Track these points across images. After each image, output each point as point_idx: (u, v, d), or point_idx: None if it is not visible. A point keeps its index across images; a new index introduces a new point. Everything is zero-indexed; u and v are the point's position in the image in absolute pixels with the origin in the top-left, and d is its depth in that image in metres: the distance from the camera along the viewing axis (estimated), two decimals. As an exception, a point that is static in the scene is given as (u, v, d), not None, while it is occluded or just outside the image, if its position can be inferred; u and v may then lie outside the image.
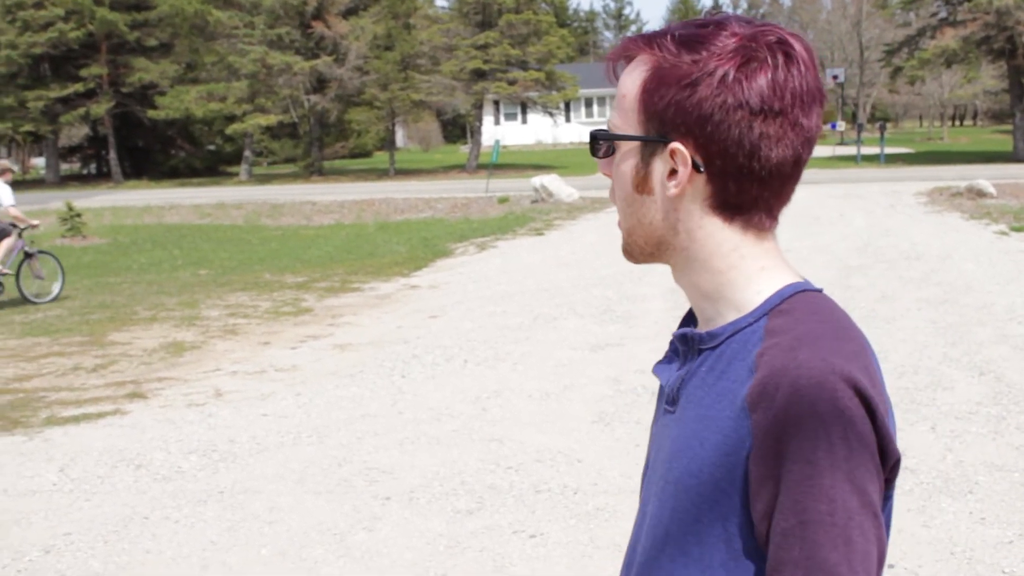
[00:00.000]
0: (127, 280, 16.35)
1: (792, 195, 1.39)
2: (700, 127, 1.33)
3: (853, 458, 1.20)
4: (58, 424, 8.06)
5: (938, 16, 45.26)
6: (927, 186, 27.96)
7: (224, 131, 47.94)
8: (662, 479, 1.39)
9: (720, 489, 1.28)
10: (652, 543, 1.39)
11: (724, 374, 1.32)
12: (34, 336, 11.65)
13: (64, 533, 5.84)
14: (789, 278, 1.38)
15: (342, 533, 5.68)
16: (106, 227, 25.71)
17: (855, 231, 18.44)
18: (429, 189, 34.77)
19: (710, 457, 1.29)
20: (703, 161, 1.34)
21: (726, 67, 1.31)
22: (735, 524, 1.28)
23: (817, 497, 1.20)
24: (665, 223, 1.39)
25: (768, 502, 1.24)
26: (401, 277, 15.46)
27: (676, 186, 1.36)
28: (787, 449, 1.21)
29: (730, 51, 1.32)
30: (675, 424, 1.39)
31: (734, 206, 1.36)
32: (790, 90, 1.31)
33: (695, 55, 1.33)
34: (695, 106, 1.32)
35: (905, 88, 62.26)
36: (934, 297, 11.80)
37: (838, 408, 1.20)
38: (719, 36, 1.33)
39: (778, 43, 1.33)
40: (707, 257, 1.38)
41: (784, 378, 1.22)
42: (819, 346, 1.24)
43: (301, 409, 8.22)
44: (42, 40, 43.85)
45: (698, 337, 1.39)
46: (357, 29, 43.50)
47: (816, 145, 1.40)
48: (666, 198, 1.38)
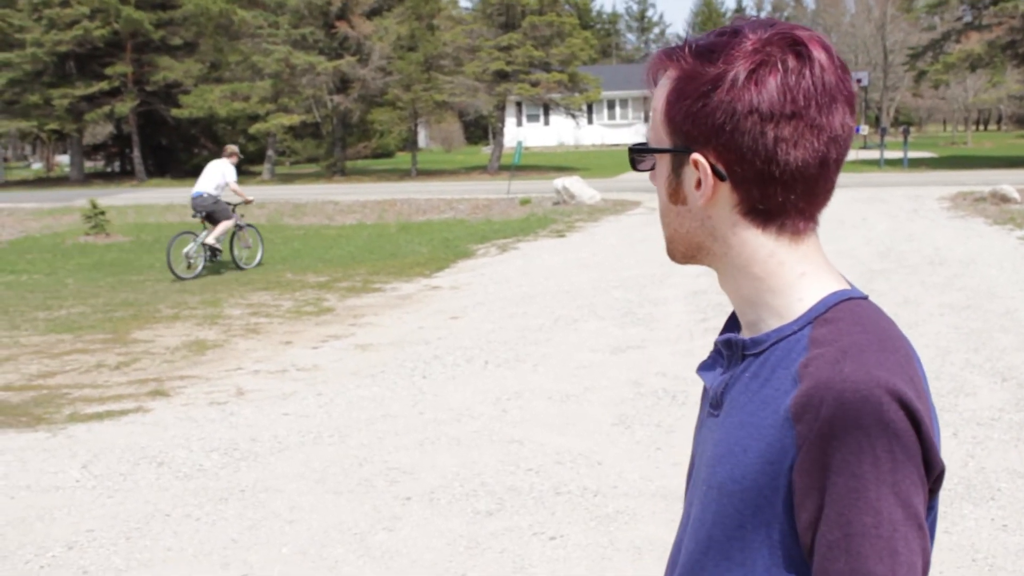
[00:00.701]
0: (150, 278, 16.42)
1: (828, 196, 1.38)
2: (716, 136, 1.34)
3: (898, 470, 1.21)
4: (81, 421, 8.11)
5: (963, 20, 45.05)
6: (950, 191, 27.83)
7: (247, 130, 48.05)
8: (705, 483, 1.40)
9: (763, 496, 1.30)
10: (696, 546, 1.41)
11: (768, 382, 1.33)
12: (58, 333, 11.72)
13: (87, 530, 5.87)
14: (833, 284, 1.38)
15: (362, 533, 5.70)
16: (130, 225, 25.83)
17: (878, 235, 18.38)
18: (451, 190, 34.81)
19: (753, 464, 1.30)
20: (725, 169, 1.35)
21: (735, 73, 1.32)
22: (777, 531, 1.29)
23: (863, 510, 1.21)
24: (703, 231, 1.41)
25: (813, 513, 1.25)
26: (422, 278, 15.49)
27: (702, 196, 1.37)
28: (832, 461, 1.22)
29: (741, 57, 1.32)
30: (719, 428, 1.40)
31: (764, 212, 1.36)
32: (803, 91, 1.31)
33: (709, 64, 1.34)
34: (709, 115, 1.34)
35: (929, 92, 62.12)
36: (957, 302, 11.75)
37: (883, 421, 1.21)
38: (734, 43, 1.34)
39: (791, 44, 1.33)
40: (745, 264, 1.39)
41: (829, 391, 1.23)
42: (864, 358, 1.25)
43: (322, 409, 8.25)
44: (67, 38, 44.08)
45: (742, 343, 1.40)
46: (381, 30, 43.58)
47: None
48: (698, 207, 1.40)
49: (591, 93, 47.59)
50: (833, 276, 1.39)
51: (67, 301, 14.12)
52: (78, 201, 30.07)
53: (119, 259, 19.23)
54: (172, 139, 53.84)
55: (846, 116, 1.34)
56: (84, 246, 21.70)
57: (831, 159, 1.34)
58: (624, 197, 28.66)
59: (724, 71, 1.33)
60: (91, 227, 22.82)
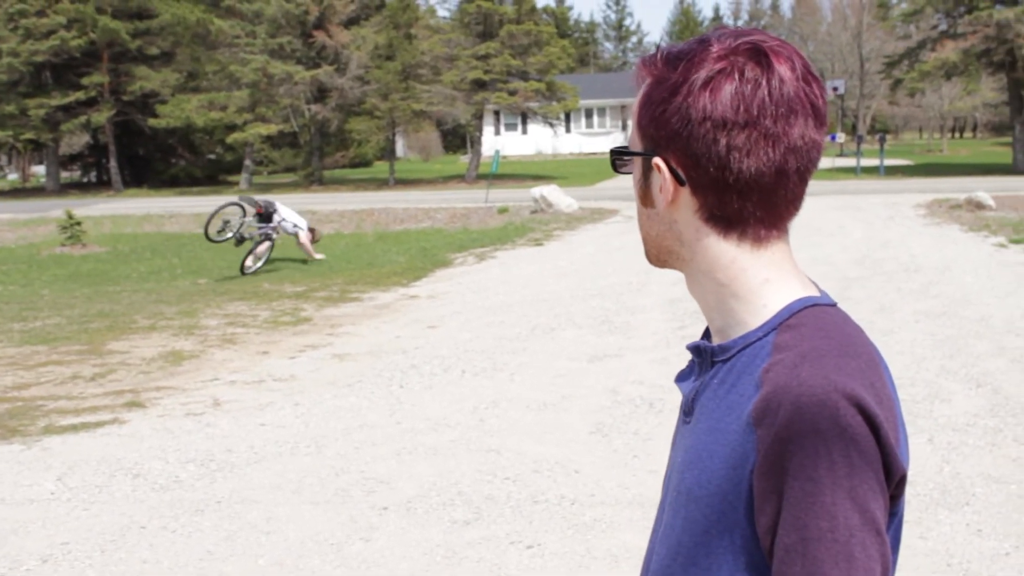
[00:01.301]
0: (126, 289, 16.36)
1: (794, 205, 1.39)
2: (674, 141, 1.36)
3: (855, 475, 1.21)
4: (56, 433, 8.06)
5: (938, 28, 45.33)
6: (926, 198, 27.98)
7: (225, 140, 47.91)
8: (675, 489, 1.41)
9: (728, 502, 1.30)
10: (666, 551, 1.41)
11: (734, 387, 1.34)
12: (32, 344, 11.66)
13: (62, 542, 5.84)
14: (799, 291, 1.38)
15: (339, 543, 5.69)
16: (106, 235, 25.72)
17: (854, 243, 18.46)
18: (429, 199, 34.80)
19: (719, 470, 1.31)
20: (684, 174, 1.37)
21: (692, 80, 1.34)
22: (740, 537, 1.30)
23: (818, 514, 1.21)
24: (670, 235, 1.43)
25: (772, 517, 1.25)
26: (400, 287, 15.48)
27: (663, 200, 1.40)
28: (789, 466, 1.23)
29: (703, 65, 1.34)
30: (690, 435, 1.41)
31: (723, 218, 1.37)
32: (758, 101, 1.31)
33: (673, 71, 1.36)
34: (667, 120, 1.36)
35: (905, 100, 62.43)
36: (932, 309, 11.81)
37: (839, 425, 1.21)
38: (700, 50, 1.36)
39: (753, 52, 1.33)
40: (709, 269, 1.40)
41: (786, 395, 1.23)
42: (822, 363, 1.25)
43: (299, 419, 8.23)
44: (44, 48, 43.90)
45: (711, 349, 1.41)
46: (358, 39, 43.57)
47: (822, 156, 1.41)
48: (665, 211, 1.41)
49: (569, 102, 47.65)
50: (801, 282, 1.40)
51: (42, 312, 14.04)
52: (54, 212, 29.93)
53: (95, 270, 19.15)
54: (149, 149, 53.65)
55: (808, 128, 1.34)
56: (60, 257, 21.60)
57: (790, 169, 1.34)
58: (602, 205, 28.70)
59: (684, 78, 1.35)
60: (67, 238, 22.71)
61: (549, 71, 45.86)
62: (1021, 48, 39.26)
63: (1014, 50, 39.74)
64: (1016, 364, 9.19)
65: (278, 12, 43.15)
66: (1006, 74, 42.75)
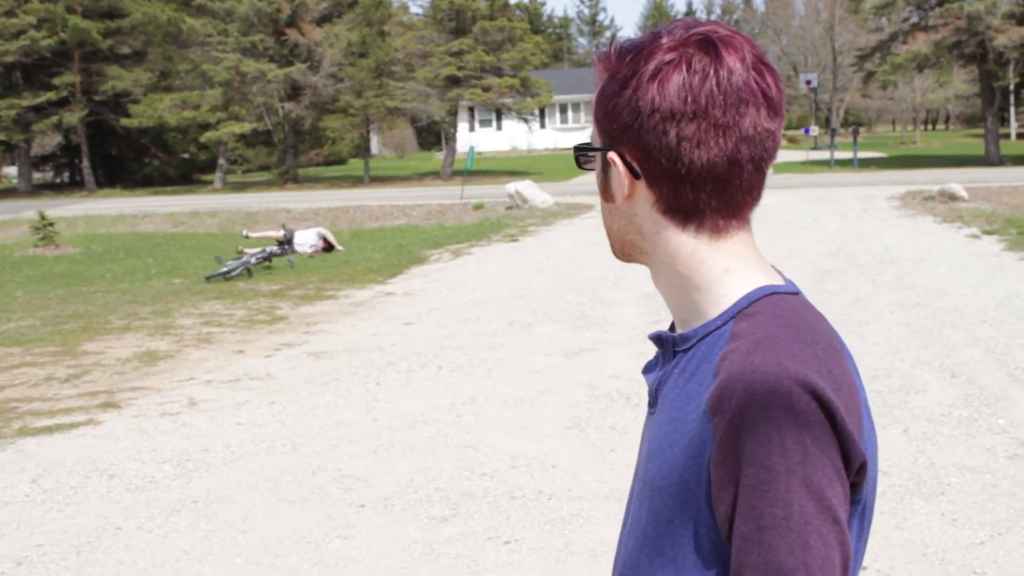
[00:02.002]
0: (100, 289, 16.27)
1: (751, 195, 1.38)
2: (626, 134, 1.36)
3: (809, 462, 1.21)
4: (31, 435, 8.01)
5: (910, 21, 45.52)
6: (900, 190, 28.13)
7: (198, 139, 47.73)
8: (640, 480, 1.41)
9: (689, 491, 1.30)
10: (633, 543, 1.41)
11: (693, 376, 1.34)
12: (6, 346, 11.58)
13: (36, 544, 5.80)
14: (760, 279, 1.38)
15: (316, 541, 5.67)
16: (79, 236, 25.58)
17: (828, 235, 18.54)
18: (404, 196, 34.76)
19: (679, 459, 1.31)
20: (638, 167, 1.37)
21: (641, 72, 1.34)
22: (704, 525, 1.30)
23: (772, 502, 1.20)
24: (631, 228, 1.43)
25: (728, 505, 1.24)
26: (376, 284, 15.45)
27: (620, 193, 1.40)
28: (744, 453, 1.22)
29: (652, 57, 1.34)
30: (653, 425, 1.40)
31: (680, 210, 1.37)
32: (706, 92, 1.31)
33: (624, 64, 1.37)
34: (619, 113, 1.36)
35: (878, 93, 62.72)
36: (907, 301, 11.87)
37: (793, 412, 1.20)
38: (651, 43, 1.36)
39: (702, 44, 1.33)
40: (670, 261, 1.40)
41: (739, 383, 1.23)
42: (776, 350, 1.25)
43: (275, 417, 8.20)
44: (14, 48, 43.62)
45: (672, 339, 1.41)
46: (331, 36, 43.47)
47: (779, 146, 1.40)
48: (624, 205, 1.41)
49: (543, 97, 47.67)
50: (763, 271, 1.40)
51: (16, 314, 13.95)
52: (26, 213, 29.74)
53: (69, 271, 19.03)
54: (122, 149, 53.39)
55: (761, 117, 1.34)
56: (33, 258, 21.46)
57: (743, 159, 1.34)
58: (577, 201, 28.72)
59: (633, 70, 1.35)
60: (40, 239, 22.56)
61: (523, 67, 45.88)
62: (992, 40, 39.49)
63: (985, 42, 39.98)
64: (990, 354, 9.25)
65: (250, 10, 43.00)
66: (977, 66, 43.01)
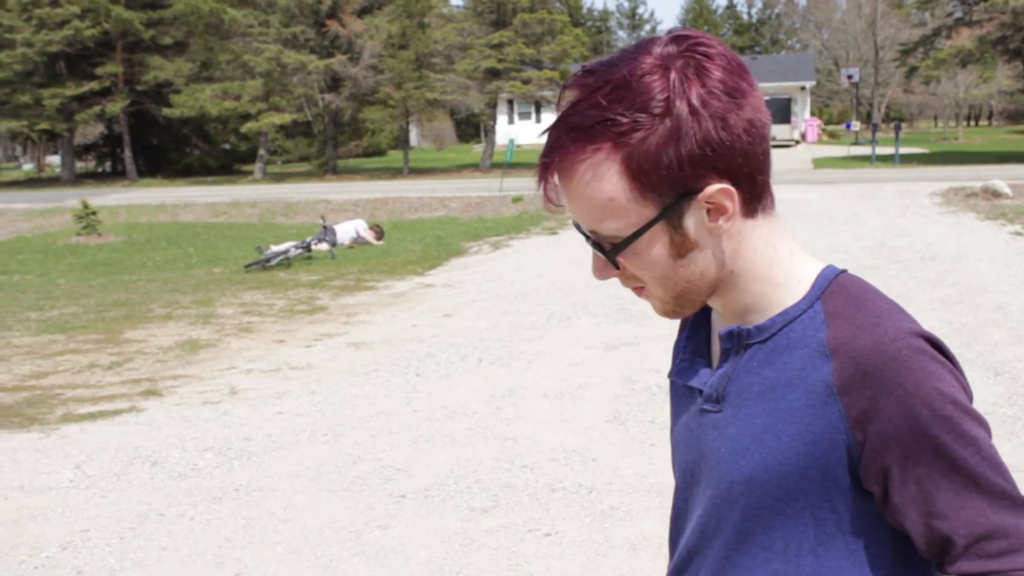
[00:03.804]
0: (142, 278, 16.40)
1: (768, 159, 1.36)
2: (711, 155, 1.29)
3: (962, 397, 1.28)
4: (74, 421, 8.10)
5: (954, 16, 45.13)
6: (942, 186, 27.86)
7: (238, 129, 47.95)
8: (722, 480, 1.38)
9: (807, 478, 1.31)
10: (722, 546, 1.39)
11: (787, 364, 1.33)
12: (50, 333, 11.70)
13: (81, 530, 5.87)
14: (815, 259, 1.40)
15: (357, 531, 5.70)
16: (121, 225, 25.79)
17: (869, 231, 18.40)
18: (443, 188, 34.78)
19: (790, 448, 1.31)
20: (728, 178, 1.32)
21: (684, 96, 1.28)
22: (827, 509, 1.31)
23: (965, 445, 1.26)
24: (716, 261, 1.36)
25: (903, 472, 1.28)
26: (415, 276, 15.49)
27: (728, 219, 1.33)
28: (917, 414, 1.26)
29: (670, 79, 1.28)
30: (731, 423, 1.38)
31: (753, 198, 1.35)
32: (742, 82, 1.31)
33: (648, 110, 1.28)
34: (699, 146, 1.28)
35: (920, 88, 62.25)
36: (949, 298, 11.77)
37: (936, 359, 1.28)
38: (643, 80, 1.28)
39: (693, 46, 1.31)
40: (750, 265, 1.37)
41: (879, 354, 1.27)
42: (890, 317, 1.30)
43: (316, 407, 8.25)
44: (58, 38, 43.96)
45: (746, 332, 1.38)
46: (372, 28, 43.54)
47: (771, 141, 1.40)
48: (715, 239, 1.35)
49: (582, 90, 47.45)
50: (800, 247, 1.42)
51: (59, 301, 14.09)
52: (69, 201, 30.01)
53: (111, 259, 19.20)
54: (163, 139, 53.72)
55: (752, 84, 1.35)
56: (76, 246, 21.67)
57: (754, 123, 1.32)
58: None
59: (670, 103, 1.28)
60: (82, 227, 22.80)
61: (563, 60, 45.78)
62: (1037, 35, 39.06)
63: (1030, 37, 39.54)
64: (1034, 352, 9.16)
65: (291, 1, 43.16)
66: (1022, 61, 42.56)
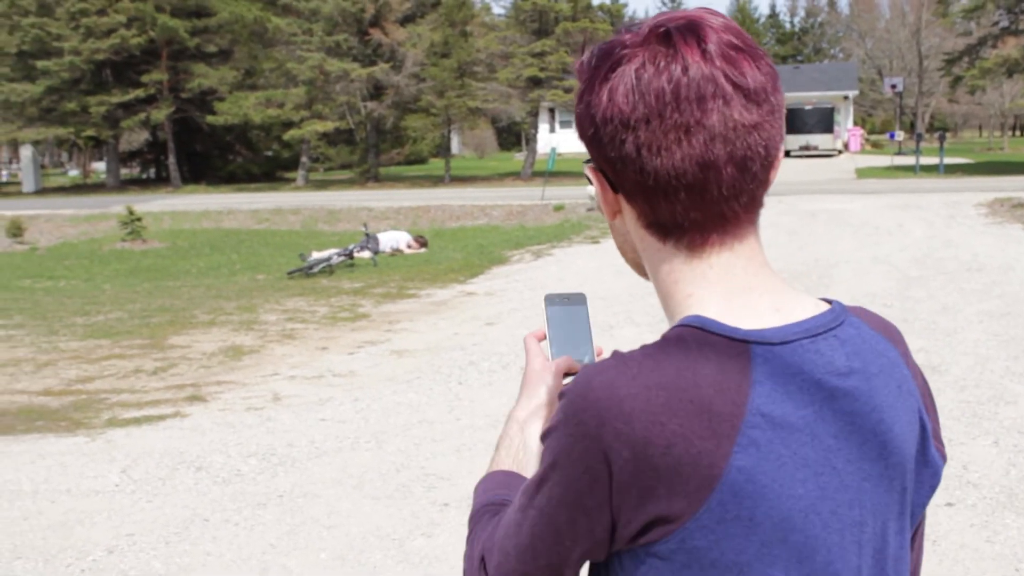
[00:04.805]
0: (186, 284, 16.52)
1: (736, 201, 1.21)
2: (592, 147, 1.26)
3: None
4: (120, 426, 8.16)
5: (999, 25, 44.71)
6: (987, 197, 27.58)
7: (281, 137, 48.23)
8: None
9: None
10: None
11: None
12: (96, 338, 11.81)
13: (127, 534, 5.91)
14: (711, 310, 1.22)
15: (401, 538, 5.71)
16: (165, 231, 26.00)
17: (914, 242, 18.25)
18: (484, 196, 34.82)
19: None
20: (614, 180, 1.26)
21: (591, 79, 1.23)
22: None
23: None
24: (627, 245, 1.33)
25: None
26: (457, 284, 15.51)
27: (607, 210, 1.30)
28: None
29: (605, 60, 1.22)
30: None
31: (659, 225, 1.24)
32: (655, 91, 1.17)
33: (587, 71, 1.26)
34: (582, 127, 1.25)
35: (965, 98, 61.71)
36: (996, 310, 11.65)
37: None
38: (611, 45, 1.24)
39: (662, 37, 1.20)
40: (655, 281, 1.30)
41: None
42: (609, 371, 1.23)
43: (359, 414, 8.27)
44: (104, 46, 44.43)
45: None
46: (414, 36, 43.72)
47: (775, 139, 1.22)
48: (617, 222, 1.32)
49: (624, 99, 47.43)
50: (728, 300, 1.24)
51: (104, 307, 14.22)
52: (114, 207, 30.28)
53: (155, 265, 19.36)
54: (207, 146, 54.15)
55: (733, 110, 1.18)
56: (121, 252, 21.87)
57: (718, 160, 1.18)
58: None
59: (589, 77, 1.24)
60: (127, 233, 23.01)
61: (605, 68, 45.72)
62: (1085, 45, 38.65)
63: (1078, 47, 39.13)
64: (1083, 365, 9.04)
65: (335, 10, 43.38)
66: (1069, 71, 42.12)
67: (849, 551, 1.21)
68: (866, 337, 1.27)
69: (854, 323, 1.27)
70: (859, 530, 1.22)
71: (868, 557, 1.23)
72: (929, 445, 1.30)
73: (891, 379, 1.26)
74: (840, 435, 1.20)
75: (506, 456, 1.48)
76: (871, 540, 1.23)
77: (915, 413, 1.28)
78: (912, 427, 1.27)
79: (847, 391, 1.21)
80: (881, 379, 1.25)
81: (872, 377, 1.24)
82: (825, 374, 1.20)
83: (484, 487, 1.45)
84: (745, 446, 1.14)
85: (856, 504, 1.21)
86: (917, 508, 1.31)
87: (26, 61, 44.85)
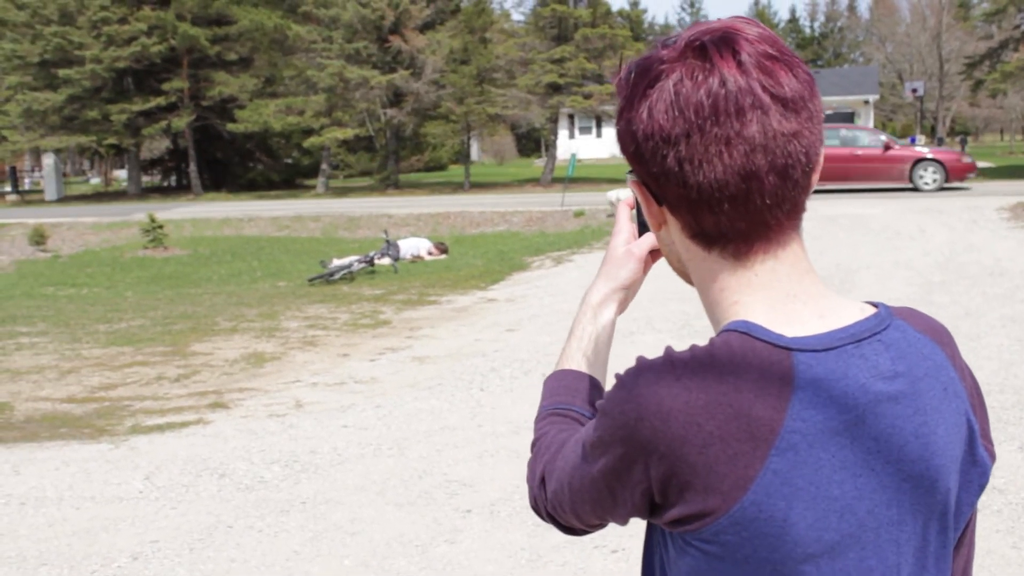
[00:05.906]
0: (207, 291, 16.58)
1: (780, 209, 1.24)
2: (635, 162, 1.29)
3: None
4: (143, 433, 8.19)
5: (1021, 28, 44.53)
6: (1010, 201, 27.43)
7: (301, 144, 48.39)
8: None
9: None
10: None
11: None
12: (118, 345, 11.85)
13: (151, 540, 5.93)
14: (758, 316, 1.25)
15: (424, 545, 5.71)
16: (187, 238, 26.10)
17: (936, 246, 18.16)
18: (504, 202, 34.82)
19: None
20: (659, 194, 1.29)
21: (630, 95, 1.26)
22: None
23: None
24: (673, 256, 1.38)
25: None
26: (478, 290, 15.52)
27: (654, 222, 1.34)
28: None
29: (644, 75, 1.25)
30: None
31: (703, 235, 1.27)
32: (695, 106, 1.20)
33: (628, 87, 1.29)
34: (624, 143, 1.29)
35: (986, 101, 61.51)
36: (1019, 315, 11.59)
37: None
38: (649, 60, 1.27)
39: (698, 50, 1.22)
40: (702, 290, 1.34)
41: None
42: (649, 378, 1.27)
43: (381, 421, 8.28)
44: (126, 55, 44.61)
45: None
46: (434, 43, 43.76)
47: (815, 147, 1.24)
48: (663, 233, 1.36)
49: (644, 105, 47.35)
50: (772, 308, 1.27)
51: (127, 314, 14.28)
52: (136, 215, 30.42)
53: (177, 272, 19.43)
54: (228, 153, 54.30)
55: (772, 120, 1.20)
56: (143, 259, 21.96)
57: (760, 170, 1.20)
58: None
59: (628, 94, 1.27)
60: (149, 241, 23.11)
61: (624, 74, 45.67)
62: (1108, 48, 38.45)
63: (1100, 50, 38.94)
64: (1108, 370, 8.99)
65: (354, 17, 43.48)
66: (1092, 75, 41.89)
67: (886, 549, 1.23)
68: (912, 340, 1.28)
69: (900, 326, 1.29)
70: (897, 529, 1.24)
71: (908, 555, 1.25)
72: (977, 445, 1.32)
73: (937, 381, 1.28)
74: (881, 437, 1.22)
75: (576, 350, 1.62)
76: (911, 539, 1.25)
77: (962, 415, 1.30)
78: (959, 428, 1.29)
79: (891, 395, 1.23)
80: (927, 382, 1.27)
81: (917, 380, 1.26)
82: (869, 378, 1.22)
83: (551, 387, 1.59)
84: (783, 450, 1.17)
85: (895, 503, 1.23)
86: (966, 507, 1.32)
87: (48, 70, 45.04)
